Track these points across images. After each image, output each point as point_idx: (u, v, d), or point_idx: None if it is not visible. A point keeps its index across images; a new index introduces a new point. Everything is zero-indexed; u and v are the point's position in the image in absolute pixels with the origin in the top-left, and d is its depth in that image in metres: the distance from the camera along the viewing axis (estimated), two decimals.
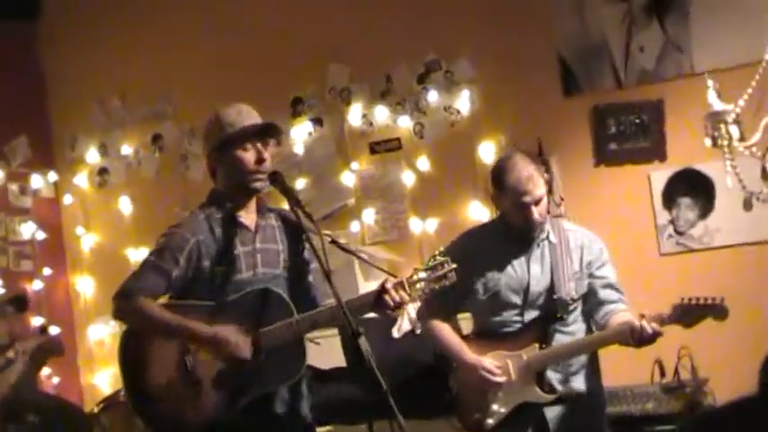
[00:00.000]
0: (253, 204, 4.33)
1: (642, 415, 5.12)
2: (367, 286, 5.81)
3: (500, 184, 4.53)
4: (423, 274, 4.12)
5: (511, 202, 4.51)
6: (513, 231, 4.61)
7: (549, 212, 4.64)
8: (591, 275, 4.60)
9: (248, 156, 4.20)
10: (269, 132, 4.26)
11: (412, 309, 4.47)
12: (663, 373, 5.51)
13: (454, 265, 4.18)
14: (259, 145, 4.21)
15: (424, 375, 5.43)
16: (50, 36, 7.22)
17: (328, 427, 5.68)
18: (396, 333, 4.31)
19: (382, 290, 4.06)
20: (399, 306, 4.09)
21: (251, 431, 4.20)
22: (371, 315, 4.31)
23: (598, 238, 4.71)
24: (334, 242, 4.29)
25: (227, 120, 4.24)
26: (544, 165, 6.06)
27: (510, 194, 4.48)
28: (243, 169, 4.20)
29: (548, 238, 4.61)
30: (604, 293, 4.59)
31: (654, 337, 4.31)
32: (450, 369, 4.92)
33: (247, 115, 4.27)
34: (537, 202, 4.47)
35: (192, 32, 7.01)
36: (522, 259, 4.63)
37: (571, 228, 4.73)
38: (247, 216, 4.30)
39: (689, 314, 4.36)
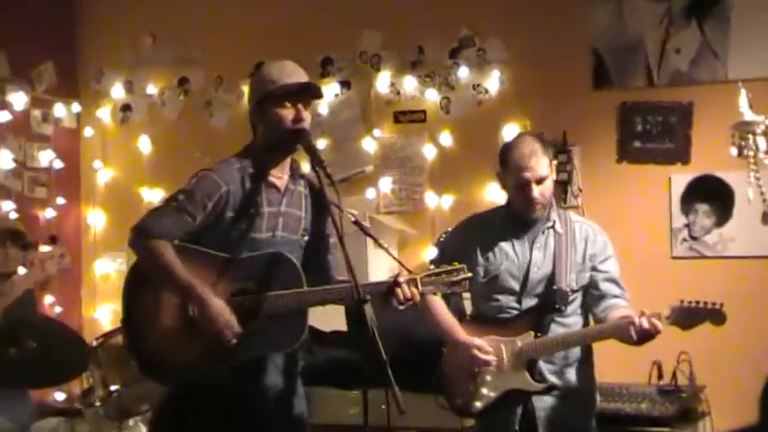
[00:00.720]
0: (287, 166, 4.32)
1: (635, 414, 5.11)
2: (374, 253, 5.74)
3: (504, 160, 4.59)
4: (435, 277, 4.14)
5: (513, 179, 4.54)
6: (517, 215, 4.61)
7: (562, 202, 4.67)
8: (594, 268, 4.61)
9: (287, 113, 4.18)
10: (309, 92, 4.25)
11: None
12: (660, 376, 5.54)
13: (470, 274, 4.21)
14: (299, 103, 4.19)
15: (422, 350, 5.31)
16: None
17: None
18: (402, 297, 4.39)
19: (395, 283, 4.06)
20: (408, 302, 4.08)
21: (238, 393, 4.19)
22: None
23: (603, 231, 4.71)
24: (356, 223, 4.31)
25: (270, 76, 4.25)
26: (566, 154, 6.10)
27: (512, 170, 4.53)
28: (280, 126, 4.19)
29: (554, 227, 4.63)
30: (606, 287, 4.60)
31: (654, 333, 4.31)
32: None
33: (291, 73, 4.26)
34: (539, 181, 4.50)
35: None
36: (525, 245, 4.64)
37: (578, 219, 4.75)
38: (279, 177, 4.29)
39: (687, 317, 4.38)
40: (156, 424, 4.62)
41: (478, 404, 4.62)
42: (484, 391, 4.59)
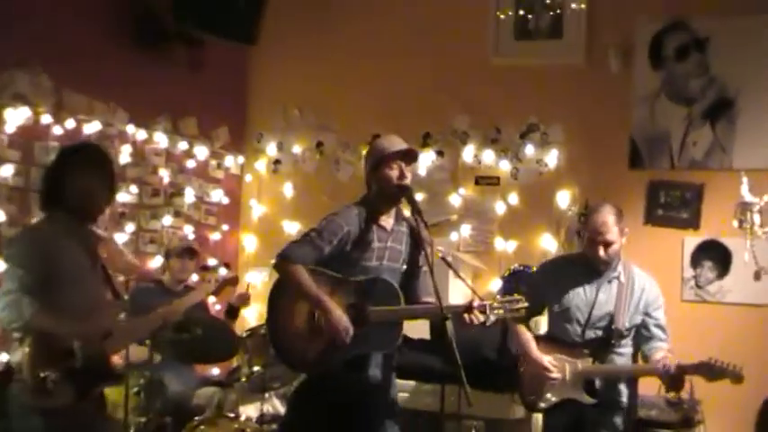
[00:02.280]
0: (393, 212, 4.36)
1: (647, 419, 5.07)
2: (455, 282, 5.58)
3: (586, 220, 4.65)
4: (500, 304, 4.16)
5: (587, 236, 4.55)
6: (588, 264, 4.58)
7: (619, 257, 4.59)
8: (646, 314, 4.59)
9: (393, 173, 4.24)
10: (409, 156, 4.30)
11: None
12: (668, 389, 5.25)
13: (526, 304, 4.20)
14: (402, 164, 4.25)
15: (488, 358, 5.44)
16: (258, 58, 7.25)
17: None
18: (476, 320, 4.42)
19: (469, 307, 4.10)
20: (477, 324, 4.11)
21: (348, 381, 4.11)
22: None
23: (657, 285, 4.64)
24: (443, 259, 4.35)
25: (382, 146, 4.34)
26: None
27: (590, 231, 4.53)
28: (389, 183, 4.26)
29: (618, 277, 4.56)
30: (655, 331, 4.56)
31: (679, 381, 4.39)
32: (507, 360, 4.93)
33: (396, 143, 4.32)
34: (606, 245, 4.46)
35: (356, 73, 6.99)
36: (594, 287, 4.59)
37: (639, 273, 4.66)
38: (387, 220, 4.34)
39: (713, 372, 4.31)
40: (296, 400, 4.53)
41: (543, 404, 4.66)
42: (548, 395, 4.64)
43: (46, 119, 5.72)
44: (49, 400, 3.77)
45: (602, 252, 4.49)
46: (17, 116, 5.54)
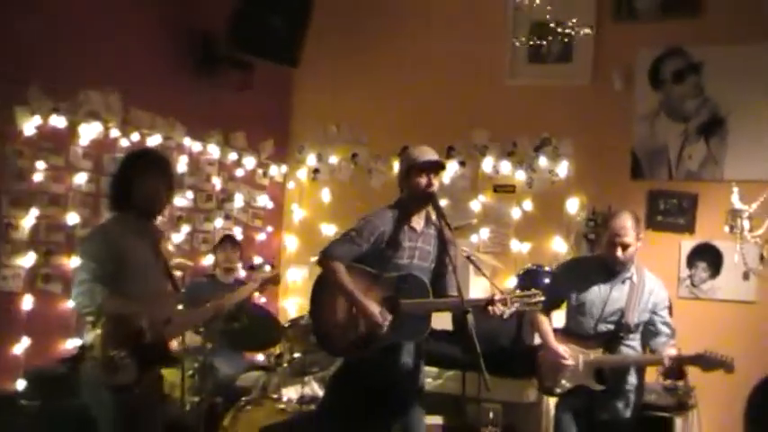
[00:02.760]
0: (423, 214, 4.40)
1: (645, 403, 5.04)
2: (475, 280, 5.78)
3: (607, 223, 4.67)
4: (518, 297, 4.19)
5: (607, 238, 4.57)
6: (605, 265, 4.61)
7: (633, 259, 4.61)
8: (654, 312, 4.59)
9: (422, 181, 4.28)
10: (437, 167, 4.33)
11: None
12: (666, 377, 5.38)
13: (542, 298, 4.22)
14: (431, 174, 4.29)
15: (503, 350, 5.52)
16: (300, 79, 7.27)
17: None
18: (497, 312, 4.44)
19: (491, 300, 4.15)
20: (498, 315, 4.15)
21: (382, 365, 4.29)
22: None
23: (665, 288, 4.68)
24: (468, 258, 4.44)
25: (413, 155, 4.37)
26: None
27: (609, 233, 4.55)
28: (418, 189, 4.30)
29: (631, 278, 4.59)
30: (660, 328, 4.59)
31: (678, 372, 4.53)
32: (521, 350, 4.99)
33: (426, 153, 4.35)
34: (624, 247, 4.50)
35: (387, 93, 7.03)
36: (608, 286, 4.62)
37: (650, 276, 4.66)
38: (417, 222, 4.38)
39: (707, 362, 4.36)
40: (334, 383, 4.67)
41: (558, 390, 4.70)
42: (563, 382, 4.67)
43: (114, 133, 5.75)
44: (117, 377, 3.84)
45: (620, 253, 4.52)
46: (90, 131, 5.58)
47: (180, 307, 4.39)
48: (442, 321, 5.17)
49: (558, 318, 4.90)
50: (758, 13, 5.71)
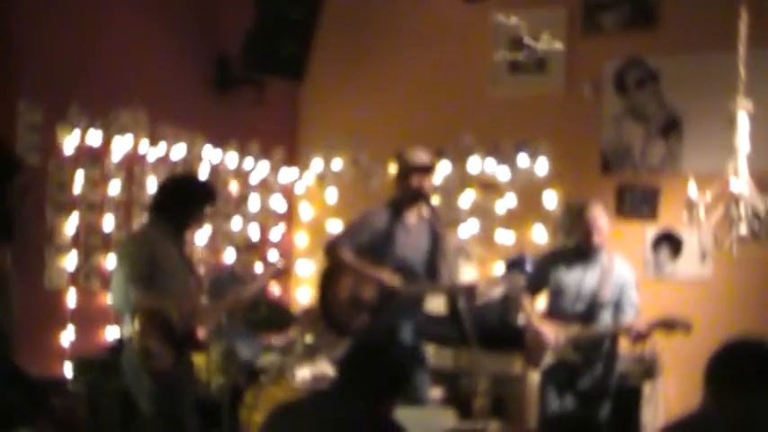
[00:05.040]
0: (416, 211, 4.46)
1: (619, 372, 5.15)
2: (465, 269, 5.94)
3: (579, 214, 4.76)
4: (502, 280, 4.40)
5: (582, 228, 4.68)
6: (580, 251, 4.71)
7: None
8: (621, 291, 4.67)
9: (415, 181, 4.37)
10: (427, 169, 4.43)
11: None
12: (634, 343, 5.42)
13: (522, 284, 4.37)
14: (422, 176, 4.39)
15: (491, 328, 5.47)
16: (306, 92, 7.25)
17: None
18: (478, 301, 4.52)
19: (474, 286, 4.28)
20: (484, 297, 4.27)
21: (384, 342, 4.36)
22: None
23: (632, 269, 4.80)
24: (461, 249, 4.59)
25: (406, 158, 4.46)
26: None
27: (583, 222, 4.67)
28: (411, 189, 4.39)
29: (601, 262, 4.70)
30: (626, 307, 4.71)
31: (645, 337, 4.57)
32: (507, 329, 5.15)
33: (419, 156, 4.44)
34: (599, 231, 4.64)
35: (385, 102, 7.03)
36: (582, 270, 4.73)
37: (618, 259, 4.78)
38: (411, 218, 4.45)
39: (668, 325, 4.51)
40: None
41: (544, 363, 4.78)
42: (546, 357, 4.74)
43: (143, 145, 5.80)
44: (154, 363, 4.02)
45: (595, 237, 4.64)
46: (122, 145, 5.65)
47: (204, 300, 4.49)
48: (437, 305, 5.36)
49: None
50: (707, 26, 5.77)
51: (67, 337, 5.33)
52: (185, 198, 4.26)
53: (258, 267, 6.45)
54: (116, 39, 5.65)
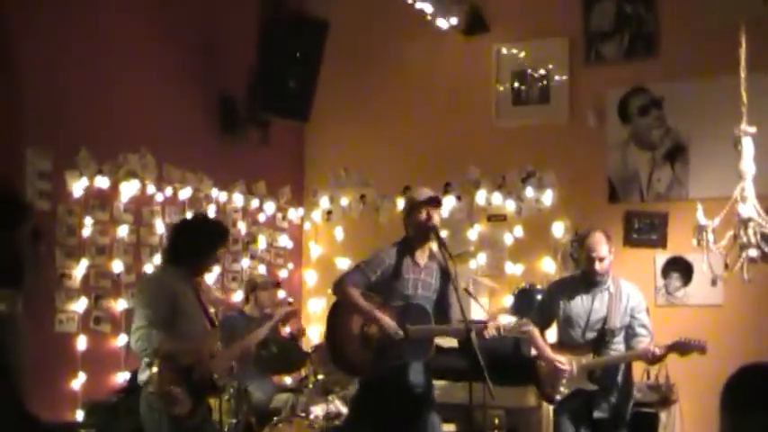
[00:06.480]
0: (426, 249, 4.44)
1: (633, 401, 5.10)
2: (475, 305, 5.82)
3: (582, 242, 4.71)
4: (510, 326, 4.25)
5: (585, 255, 4.64)
6: (585, 279, 4.69)
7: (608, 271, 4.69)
8: (632, 316, 4.67)
9: (422, 217, 4.35)
10: (434, 202, 4.41)
11: (502, 319, 4.62)
12: (648, 377, 5.54)
13: (531, 327, 4.32)
14: (430, 210, 4.37)
15: (504, 361, 5.43)
16: (311, 131, 7.30)
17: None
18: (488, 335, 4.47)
19: (485, 325, 4.21)
20: (487, 337, 4.20)
21: (396, 384, 4.35)
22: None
23: (640, 293, 4.76)
24: (466, 290, 4.49)
25: (413, 196, 4.47)
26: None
27: (586, 249, 4.63)
28: (420, 225, 4.37)
29: (608, 288, 4.67)
30: (638, 329, 4.68)
31: (660, 360, 4.50)
32: (520, 361, 5.06)
33: (425, 193, 4.43)
34: (600, 260, 4.60)
35: (390, 138, 7.06)
36: (590, 298, 4.70)
37: (625, 283, 4.76)
38: (421, 256, 4.43)
39: (683, 348, 4.46)
40: (354, 402, 4.74)
41: (558, 396, 4.76)
42: (561, 388, 4.70)
43: (151, 188, 5.84)
44: (175, 409, 3.99)
45: (597, 266, 4.61)
46: (129, 188, 5.69)
47: (219, 344, 4.48)
48: (449, 339, 5.19)
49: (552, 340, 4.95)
50: (708, 52, 5.81)
51: (78, 382, 5.32)
52: (199, 240, 4.26)
53: (275, 302, 6.30)
54: (122, 84, 5.70)
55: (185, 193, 6.15)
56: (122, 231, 5.69)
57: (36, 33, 5.18)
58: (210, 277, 6.32)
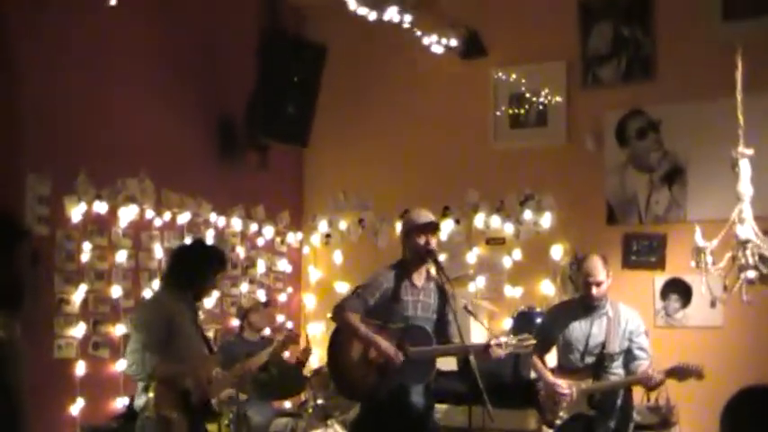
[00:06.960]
0: (423, 271, 4.43)
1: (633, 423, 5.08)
2: (475, 324, 5.73)
3: (579, 266, 4.75)
4: (513, 342, 4.21)
5: (582, 280, 4.66)
6: (584, 303, 4.68)
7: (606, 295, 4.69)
8: (630, 340, 4.66)
9: (421, 240, 4.34)
10: (432, 227, 4.40)
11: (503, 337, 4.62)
12: (649, 399, 5.49)
13: (534, 341, 4.26)
14: (428, 234, 4.36)
15: (503, 384, 5.48)
16: (309, 156, 7.35)
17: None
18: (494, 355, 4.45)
19: (488, 345, 4.17)
20: (495, 357, 4.18)
21: (396, 407, 4.30)
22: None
23: (639, 316, 4.76)
24: (465, 308, 4.49)
25: (411, 218, 4.45)
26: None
27: (583, 274, 4.65)
28: (418, 248, 4.36)
29: (607, 313, 4.66)
30: (638, 353, 4.66)
31: (659, 385, 4.51)
32: (519, 384, 5.07)
33: (423, 215, 4.42)
34: (597, 284, 4.60)
35: (388, 162, 7.09)
36: (588, 322, 4.69)
37: (623, 308, 4.74)
38: (418, 278, 4.42)
39: (681, 373, 4.45)
40: (356, 425, 4.71)
41: (558, 421, 4.73)
42: (561, 413, 4.68)
43: (149, 213, 5.85)
44: None
45: (594, 291, 4.61)
46: (128, 213, 5.69)
47: (218, 368, 4.46)
48: (448, 362, 5.25)
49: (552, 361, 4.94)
50: (704, 76, 5.84)
51: (77, 407, 5.30)
52: (198, 264, 4.27)
53: (271, 322, 6.41)
54: (120, 109, 5.73)
55: (184, 218, 6.16)
56: (121, 256, 5.68)
57: (35, 61, 5.21)
58: (209, 302, 6.32)
